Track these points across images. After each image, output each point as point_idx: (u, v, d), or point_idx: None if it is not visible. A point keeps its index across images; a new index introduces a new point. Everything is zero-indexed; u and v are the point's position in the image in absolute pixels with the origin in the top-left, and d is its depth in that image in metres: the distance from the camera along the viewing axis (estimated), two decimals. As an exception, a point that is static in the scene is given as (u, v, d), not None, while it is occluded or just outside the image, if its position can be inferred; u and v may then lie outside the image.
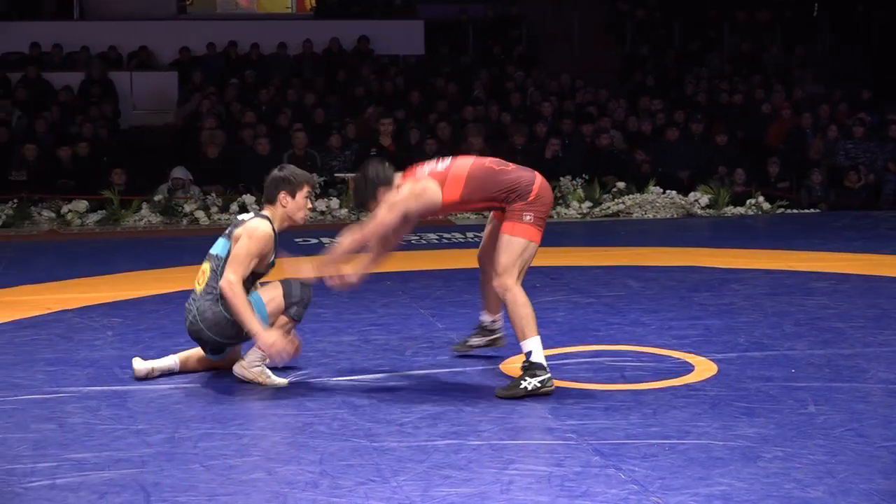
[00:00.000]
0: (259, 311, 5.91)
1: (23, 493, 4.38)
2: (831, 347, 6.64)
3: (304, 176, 6.14)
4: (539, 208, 5.88)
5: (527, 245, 5.83)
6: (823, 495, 4.27)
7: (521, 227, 5.83)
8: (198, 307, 6.00)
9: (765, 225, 13.15)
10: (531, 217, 5.84)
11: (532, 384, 5.66)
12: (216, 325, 5.95)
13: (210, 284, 6.00)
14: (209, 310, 5.95)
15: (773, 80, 18.14)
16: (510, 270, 5.79)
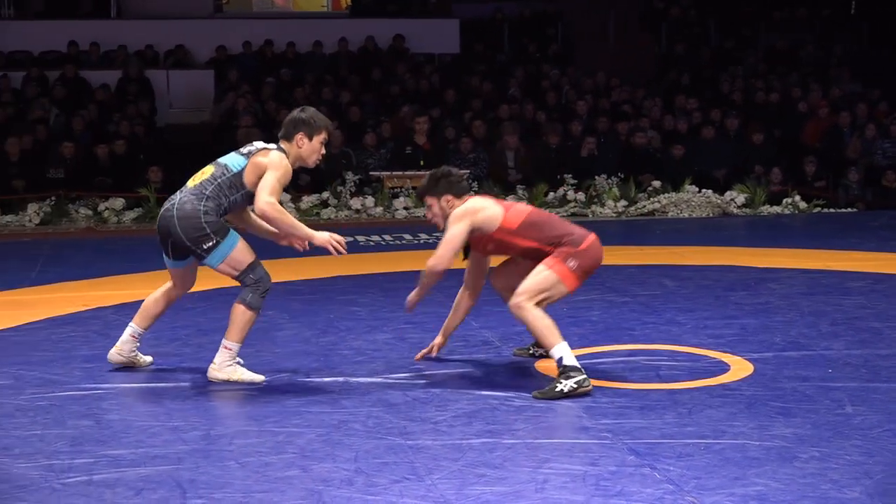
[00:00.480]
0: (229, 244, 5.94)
1: (60, 490, 4.41)
2: (868, 347, 6.60)
3: (324, 122, 6.21)
4: (585, 260, 5.92)
5: (558, 283, 5.87)
6: (860, 496, 4.23)
7: (561, 266, 5.88)
8: (181, 198, 6.04)
9: (801, 224, 13.08)
10: (575, 264, 5.89)
11: (568, 385, 5.66)
12: (187, 219, 5.93)
13: (204, 185, 6.04)
14: (189, 202, 5.98)
15: (810, 79, 18.02)
16: (531, 294, 5.83)
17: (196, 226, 5.92)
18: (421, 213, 13.68)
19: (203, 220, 5.92)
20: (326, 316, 7.60)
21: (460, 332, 7.10)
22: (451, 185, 6.08)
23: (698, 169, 14.84)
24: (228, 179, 6.02)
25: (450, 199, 6.06)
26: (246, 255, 6.00)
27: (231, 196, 6.03)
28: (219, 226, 5.96)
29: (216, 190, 6.02)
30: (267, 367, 6.29)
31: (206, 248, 5.94)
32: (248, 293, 5.99)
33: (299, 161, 6.16)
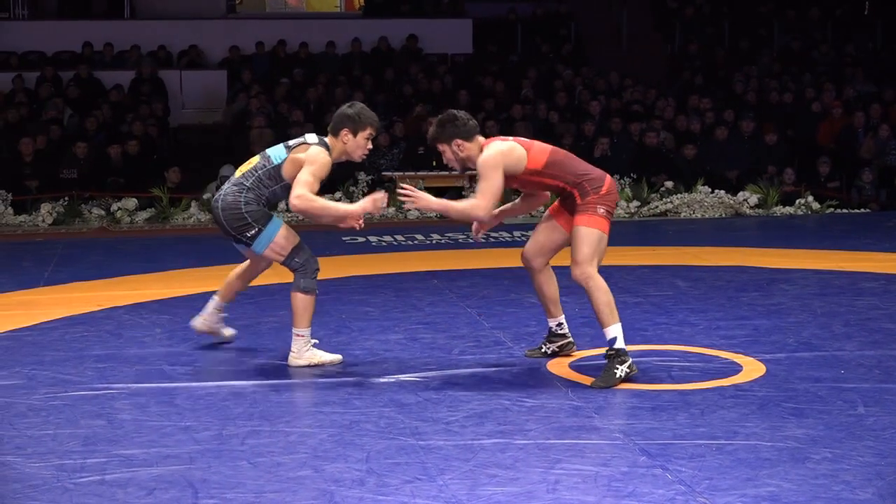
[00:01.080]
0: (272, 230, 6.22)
1: (73, 489, 4.42)
2: (881, 348, 6.58)
3: (370, 119, 6.34)
4: (609, 203, 6.03)
5: (602, 236, 5.99)
6: (873, 497, 4.23)
7: (595, 218, 5.97)
8: (225, 190, 6.32)
9: (814, 225, 13.05)
10: (604, 210, 5.99)
11: (622, 370, 5.82)
12: (229, 209, 6.24)
13: (246, 175, 6.30)
14: (231, 194, 6.26)
15: (824, 79, 17.98)
16: (591, 259, 5.93)
17: (237, 216, 6.24)
18: (434, 214, 13.69)
19: (244, 210, 6.23)
20: (338, 316, 7.60)
21: (472, 332, 7.10)
22: (457, 128, 6.08)
23: (711, 169, 14.82)
24: (268, 171, 6.29)
25: (460, 143, 6.08)
26: (289, 239, 6.28)
27: (271, 187, 6.30)
28: (260, 214, 6.25)
29: (256, 181, 6.28)
30: (279, 368, 6.31)
31: (249, 237, 6.27)
32: (300, 278, 6.27)
33: (344, 156, 6.36)
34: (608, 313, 5.91)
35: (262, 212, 6.27)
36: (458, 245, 11.22)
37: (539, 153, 6.05)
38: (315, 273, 6.31)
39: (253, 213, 6.23)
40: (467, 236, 11.82)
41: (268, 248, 6.28)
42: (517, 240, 11.50)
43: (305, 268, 6.28)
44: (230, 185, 6.31)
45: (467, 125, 6.10)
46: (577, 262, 5.94)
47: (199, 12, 19.37)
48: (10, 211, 13.55)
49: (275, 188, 6.30)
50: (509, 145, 6.04)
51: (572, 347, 6.50)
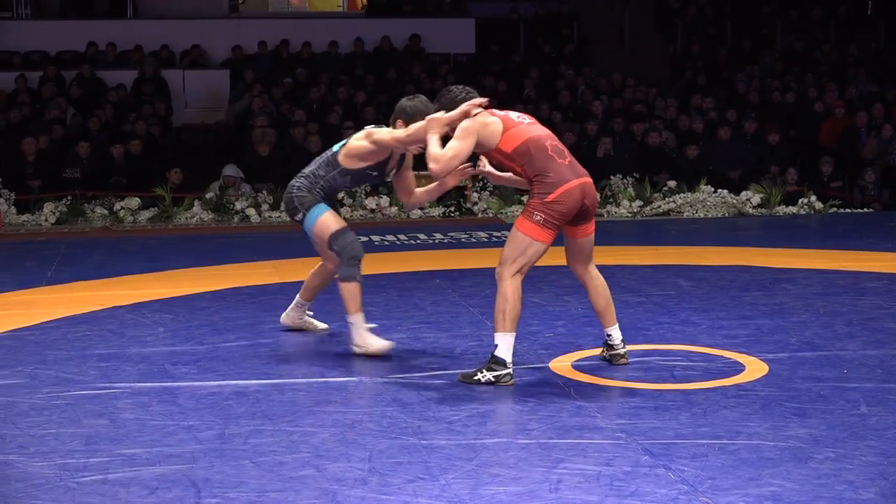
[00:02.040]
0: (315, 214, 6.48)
1: (75, 488, 4.43)
2: (884, 348, 6.57)
3: (424, 112, 6.31)
4: (552, 213, 5.89)
5: (530, 243, 5.91)
6: (875, 497, 4.23)
7: (528, 224, 5.93)
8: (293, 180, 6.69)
9: (817, 224, 13.04)
10: (541, 218, 5.89)
11: (486, 377, 5.85)
12: (286, 194, 6.67)
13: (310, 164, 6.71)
14: (293, 180, 6.66)
15: (826, 79, 17.96)
16: (509, 262, 5.95)
17: (289, 200, 6.63)
18: (436, 214, 13.69)
19: (295, 194, 6.58)
20: (340, 315, 7.58)
21: (474, 332, 7.10)
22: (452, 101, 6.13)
23: (713, 169, 14.81)
24: (326, 159, 6.62)
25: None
26: (329, 224, 6.52)
27: (328, 174, 6.60)
28: (307, 199, 6.55)
29: (314, 169, 6.63)
30: (282, 367, 6.31)
31: (298, 220, 6.61)
32: (340, 266, 6.51)
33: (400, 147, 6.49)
34: (499, 320, 5.91)
35: (310, 197, 6.54)
36: (461, 244, 11.21)
37: (514, 137, 5.99)
38: (352, 261, 6.47)
39: (301, 197, 6.54)
40: (469, 235, 11.83)
41: (312, 233, 6.58)
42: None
43: (342, 255, 6.47)
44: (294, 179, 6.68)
45: (457, 98, 6.14)
46: (500, 261, 6.00)
47: (201, 12, 19.36)
48: (13, 210, 13.55)
49: (333, 174, 6.57)
50: (492, 119, 6.05)
51: (621, 360, 6.29)
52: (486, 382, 5.84)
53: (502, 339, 5.90)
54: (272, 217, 13.55)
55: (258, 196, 13.89)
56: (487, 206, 13.92)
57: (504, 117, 6.09)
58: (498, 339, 5.90)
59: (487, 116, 6.06)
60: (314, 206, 6.52)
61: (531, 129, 6.08)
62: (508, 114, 6.16)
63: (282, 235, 12.22)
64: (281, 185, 13.99)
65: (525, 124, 6.10)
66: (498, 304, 5.93)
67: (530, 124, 6.13)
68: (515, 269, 5.94)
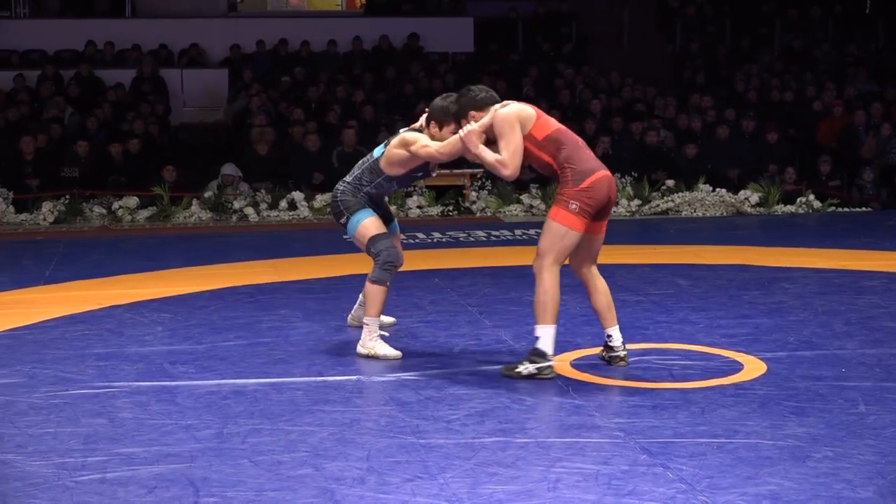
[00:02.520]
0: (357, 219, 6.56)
1: (74, 487, 4.43)
2: (882, 347, 6.57)
3: (455, 116, 6.36)
4: (587, 200, 5.96)
5: (566, 232, 5.96)
6: (873, 496, 4.23)
7: (563, 213, 5.97)
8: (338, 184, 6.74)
9: (815, 223, 13.04)
10: (577, 206, 5.96)
11: (529, 370, 5.91)
12: (332, 199, 6.70)
13: (352, 171, 6.74)
14: (339, 185, 6.70)
15: (825, 78, 17.97)
16: (548, 254, 5.97)
17: (334, 205, 6.68)
18: (435, 213, 13.69)
19: (339, 199, 6.64)
20: (340, 314, 7.59)
21: (473, 331, 7.10)
22: (472, 100, 6.20)
23: (712, 168, 14.81)
24: (369, 165, 6.68)
25: (474, 115, 6.18)
26: (370, 228, 6.57)
27: (373, 181, 6.65)
28: (351, 203, 6.61)
29: (358, 174, 6.68)
30: (280, 366, 6.31)
31: (342, 223, 6.67)
32: (374, 268, 6.52)
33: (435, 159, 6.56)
34: (541, 312, 5.94)
35: (355, 201, 6.60)
36: (460, 243, 11.21)
37: (544, 125, 6.10)
38: (386, 265, 6.50)
39: (346, 202, 6.60)
40: (468, 234, 11.82)
41: (353, 237, 6.65)
42: (518, 238, 11.50)
43: (378, 258, 6.51)
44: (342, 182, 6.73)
45: (480, 95, 6.20)
46: (538, 253, 6.02)
47: (200, 11, 19.35)
48: (11, 209, 13.54)
49: (378, 180, 6.62)
50: (523, 105, 6.14)
51: (620, 362, 6.26)
52: (527, 375, 5.89)
53: (544, 332, 5.94)
54: (270, 216, 13.54)
55: (256, 195, 13.88)
56: (486, 206, 13.92)
57: (532, 106, 6.20)
58: (539, 332, 5.94)
59: (517, 104, 6.13)
60: (358, 211, 6.58)
61: (554, 121, 6.23)
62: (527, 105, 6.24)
63: (280, 234, 12.23)
64: (279, 184, 14.02)
65: (548, 116, 6.24)
66: (538, 297, 5.95)
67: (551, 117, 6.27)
68: (552, 259, 5.98)
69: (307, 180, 14.33)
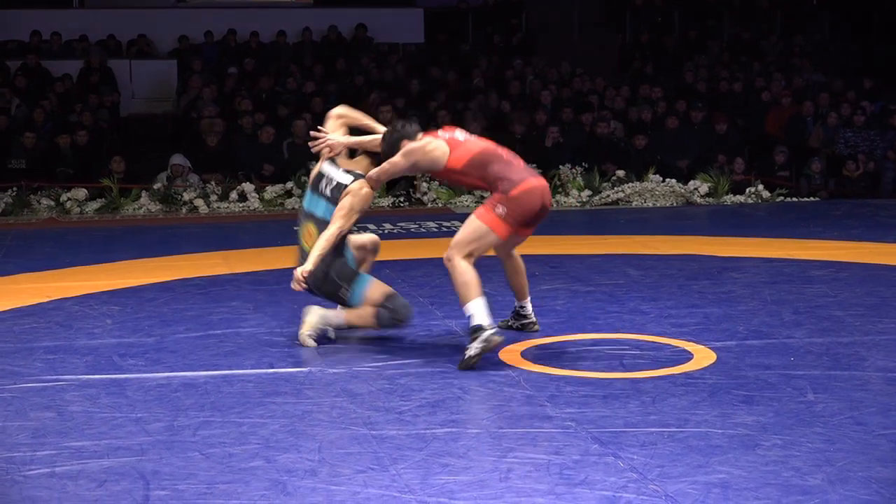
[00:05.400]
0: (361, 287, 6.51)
1: (22, 482, 4.38)
2: (830, 336, 6.62)
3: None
4: (514, 207, 6.09)
5: (487, 232, 6.11)
6: (822, 483, 4.25)
7: (489, 215, 6.12)
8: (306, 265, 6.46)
9: (764, 213, 13.12)
10: (503, 211, 6.09)
11: (476, 349, 5.94)
12: (320, 282, 6.47)
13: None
14: (320, 269, 6.43)
15: (773, 69, 18.10)
16: (461, 247, 6.11)
17: (327, 281, 6.47)
18: (386, 204, 13.66)
19: (330, 271, 6.46)
20: (291, 306, 7.56)
21: (424, 322, 7.09)
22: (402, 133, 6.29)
23: (662, 158, 14.87)
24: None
25: (406, 143, 6.27)
26: (376, 292, 6.51)
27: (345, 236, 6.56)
28: (344, 271, 6.49)
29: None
30: (231, 358, 6.27)
31: (341, 296, 6.53)
32: (386, 314, 6.47)
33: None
34: (465, 292, 6.03)
35: (349, 270, 6.52)
36: (411, 234, 11.21)
37: (462, 154, 6.17)
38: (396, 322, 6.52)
39: (337, 271, 6.48)
40: (419, 225, 11.81)
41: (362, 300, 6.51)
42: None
43: (394, 315, 6.49)
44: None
45: (407, 129, 6.29)
46: (451, 245, 6.14)
47: (148, 1, 19.19)
48: (-43, 202, 13.40)
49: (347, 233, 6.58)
50: (434, 145, 6.19)
51: (533, 327, 6.74)
52: (477, 353, 5.93)
53: (473, 307, 6.01)
54: (220, 208, 13.47)
55: (206, 187, 13.80)
56: (437, 197, 13.91)
57: (449, 139, 6.24)
58: (470, 310, 6.01)
59: (429, 142, 6.21)
60: (357, 280, 6.51)
61: (480, 142, 6.29)
62: (454, 134, 6.31)
63: (230, 226, 12.16)
64: (229, 175, 13.92)
65: (472, 140, 6.29)
66: (457, 280, 6.07)
67: (479, 139, 6.34)
68: (466, 253, 6.09)
69: (257, 171, 14.27)
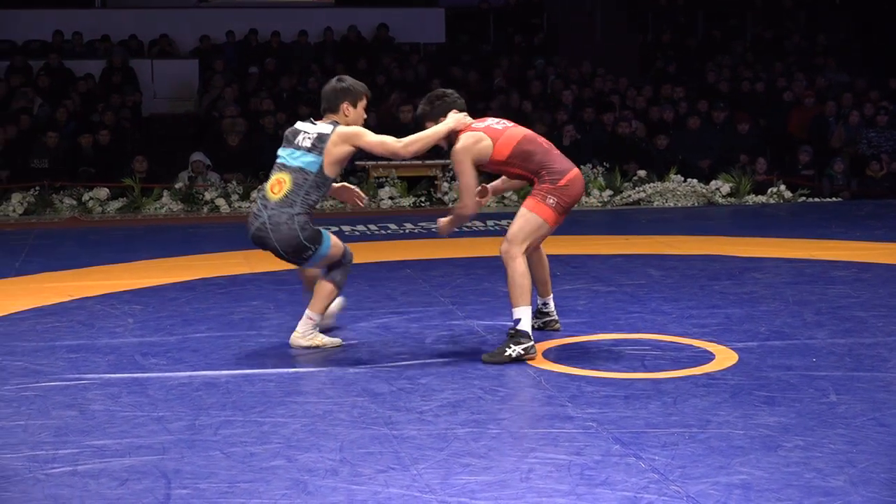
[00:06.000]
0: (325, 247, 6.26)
1: (44, 480, 4.38)
2: (852, 336, 6.58)
3: (364, 87, 6.38)
4: (563, 197, 6.17)
5: (542, 224, 6.17)
6: (844, 485, 4.22)
7: (541, 206, 6.16)
8: (269, 215, 6.22)
9: (786, 214, 13.08)
10: (554, 201, 6.15)
11: (516, 351, 6.02)
12: (287, 240, 6.21)
13: (290, 197, 6.19)
14: (284, 224, 6.17)
15: (795, 68, 18.03)
16: (519, 240, 6.14)
17: (295, 245, 6.21)
18: (407, 204, 13.67)
19: (301, 236, 6.19)
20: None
21: (445, 321, 7.09)
22: (446, 105, 6.34)
23: (683, 158, 14.84)
24: (313, 181, 6.21)
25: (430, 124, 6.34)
26: (338, 248, 6.33)
27: (319, 195, 6.29)
28: (313, 233, 6.22)
29: (303, 199, 6.21)
30: (252, 357, 6.28)
31: (304, 257, 6.29)
32: (339, 273, 6.36)
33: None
34: (518, 294, 6.08)
35: (314, 231, 6.25)
36: (432, 234, 11.19)
37: (504, 145, 6.19)
38: (346, 274, 6.42)
39: (308, 236, 6.22)
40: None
41: (320, 262, 6.37)
42: (490, 229, 11.50)
43: (347, 267, 6.40)
44: (275, 211, 6.20)
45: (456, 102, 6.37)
46: (507, 239, 6.16)
47: (170, 1, 19.25)
48: (-20, 201, 13.47)
49: (322, 192, 6.31)
50: (476, 137, 6.20)
51: (555, 325, 6.75)
52: (516, 357, 6.00)
53: (524, 312, 6.08)
54: (242, 207, 13.50)
55: (228, 186, 13.83)
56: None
57: (487, 129, 6.26)
58: (518, 314, 6.07)
59: (471, 136, 6.21)
60: (322, 239, 6.27)
61: (517, 130, 6.30)
62: (489, 123, 6.33)
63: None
64: (250, 174, 13.95)
65: (510, 128, 6.30)
66: (514, 280, 6.10)
67: (514, 127, 6.34)
68: (524, 247, 6.15)
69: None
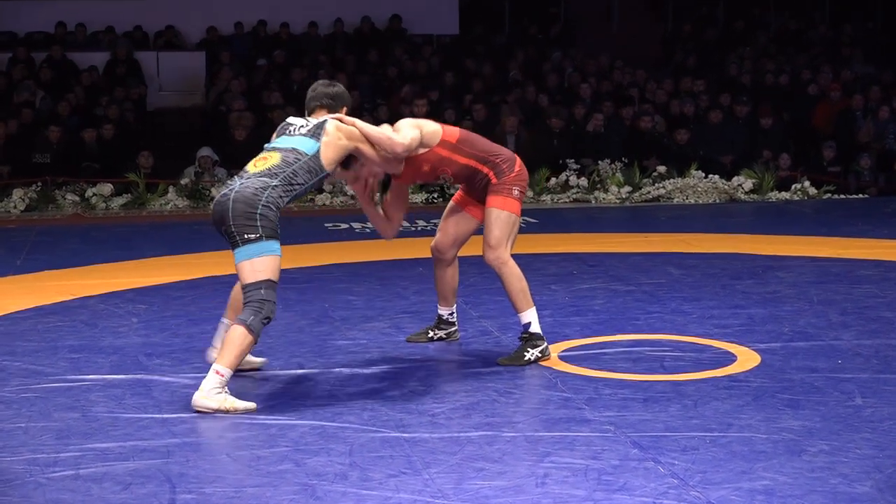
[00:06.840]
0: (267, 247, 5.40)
1: (46, 484, 4.33)
2: (879, 337, 6.51)
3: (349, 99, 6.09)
4: (522, 184, 6.15)
5: (516, 219, 6.14)
6: (871, 490, 4.15)
7: (509, 201, 6.08)
8: (242, 183, 5.48)
9: (811, 211, 12.98)
10: (518, 192, 6.12)
11: (534, 354, 6.00)
12: (245, 203, 5.38)
13: (272, 170, 5.51)
14: (252, 187, 5.42)
15: (821, 60, 17.83)
16: (504, 244, 6.08)
17: (249, 214, 5.39)
18: (419, 200, 13.55)
19: (259, 210, 5.39)
20: (321, 305, 7.52)
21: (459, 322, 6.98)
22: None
23: (704, 154, 14.72)
24: (305, 164, 5.58)
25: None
26: (272, 268, 5.40)
27: (308, 182, 5.59)
28: (271, 224, 5.41)
29: (287, 177, 5.52)
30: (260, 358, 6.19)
31: (245, 238, 5.39)
32: (251, 314, 5.34)
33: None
34: (522, 299, 6.04)
35: (274, 225, 5.41)
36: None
37: (451, 131, 6.10)
38: (266, 320, 5.37)
39: (265, 217, 5.40)
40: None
41: (247, 261, 5.38)
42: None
43: (261, 307, 5.35)
44: (251, 179, 5.48)
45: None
46: (491, 246, 6.07)
47: (175, -9, 19.12)
48: (-20, 197, 13.37)
49: (313, 181, 5.61)
50: (425, 121, 6.15)
51: (456, 336, 6.58)
52: (535, 360, 5.98)
53: (532, 316, 6.06)
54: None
55: (235, 182, 13.73)
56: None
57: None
58: (526, 318, 6.05)
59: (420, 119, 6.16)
60: (273, 239, 5.41)
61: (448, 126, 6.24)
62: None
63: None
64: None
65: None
66: (514, 285, 6.05)
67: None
68: (510, 248, 6.11)
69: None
